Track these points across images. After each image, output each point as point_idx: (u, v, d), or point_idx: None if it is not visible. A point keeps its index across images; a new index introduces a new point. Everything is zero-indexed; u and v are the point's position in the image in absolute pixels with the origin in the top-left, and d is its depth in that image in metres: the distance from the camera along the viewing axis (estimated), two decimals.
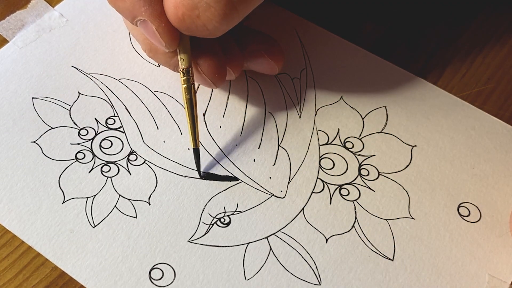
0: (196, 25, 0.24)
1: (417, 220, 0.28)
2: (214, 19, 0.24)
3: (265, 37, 0.30)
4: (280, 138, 0.30)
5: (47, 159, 0.29)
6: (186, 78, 0.27)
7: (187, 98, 0.27)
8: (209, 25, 0.24)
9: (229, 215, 0.28)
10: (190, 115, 0.27)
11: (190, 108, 0.27)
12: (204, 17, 0.24)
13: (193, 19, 0.24)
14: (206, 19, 0.24)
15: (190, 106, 0.27)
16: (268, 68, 0.30)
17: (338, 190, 0.29)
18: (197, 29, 0.24)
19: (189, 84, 0.27)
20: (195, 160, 0.29)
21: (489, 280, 0.26)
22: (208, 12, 0.23)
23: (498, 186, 0.29)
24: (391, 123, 0.31)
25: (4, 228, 0.27)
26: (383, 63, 0.33)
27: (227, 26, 0.24)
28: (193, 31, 0.25)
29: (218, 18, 0.24)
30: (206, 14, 0.23)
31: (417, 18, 0.35)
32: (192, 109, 0.27)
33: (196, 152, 0.28)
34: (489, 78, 0.33)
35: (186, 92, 0.27)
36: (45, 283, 0.26)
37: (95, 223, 0.27)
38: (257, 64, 0.30)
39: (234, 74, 0.29)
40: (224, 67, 0.28)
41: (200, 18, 0.24)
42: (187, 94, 0.27)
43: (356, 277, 0.26)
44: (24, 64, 0.32)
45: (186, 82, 0.27)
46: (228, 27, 0.25)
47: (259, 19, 0.34)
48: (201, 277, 0.26)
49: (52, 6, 0.35)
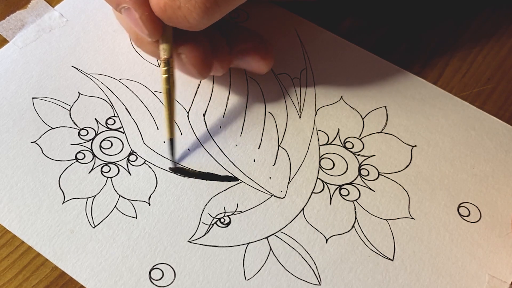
0: (177, 16, 0.24)
1: (417, 220, 0.28)
2: (195, 11, 0.24)
3: (255, 36, 0.30)
4: (280, 138, 0.30)
5: (47, 159, 0.29)
6: (166, 69, 0.27)
7: (166, 88, 0.27)
8: (190, 17, 0.24)
9: (229, 215, 0.28)
10: (168, 105, 0.27)
11: (168, 99, 0.27)
12: (185, 8, 0.24)
13: (174, 9, 0.24)
14: (187, 10, 0.24)
15: (168, 96, 0.27)
16: (256, 67, 0.30)
17: (338, 190, 0.29)
18: (178, 20, 0.24)
19: (168, 75, 0.27)
20: (170, 151, 0.29)
21: (489, 280, 0.26)
22: (188, 4, 0.23)
23: (498, 186, 0.29)
24: (391, 123, 0.31)
25: (4, 228, 0.27)
26: (383, 63, 0.33)
27: (207, 20, 0.24)
28: (175, 22, 0.25)
29: (199, 11, 0.24)
30: (187, 6, 0.24)
31: (417, 18, 0.35)
32: (170, 99, 0.27)
33: (171, 142, 0.29)
34: (489, 78, 0.33)
35: (165, 83, 0.27)
36: (45, 283, 0.26)
37: (95, 223, 0.27)
38: (245, 63, 0.30)
39: (221, 70, 0.29)
40: (209, 58, 0.28)
41: (181, 9, 0.24)
42: (166, 84, 0.27)
43: (356, 277, 0.26)
44: (24, 64, 0.32)
45: (165, 72, 0.27)
46: (210, 21, 0.25)
47: (259, 19, 0.34)
48: (201, 277, 0.26)
49: (52, 6, 0.35)
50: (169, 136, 0.28)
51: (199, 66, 0.27)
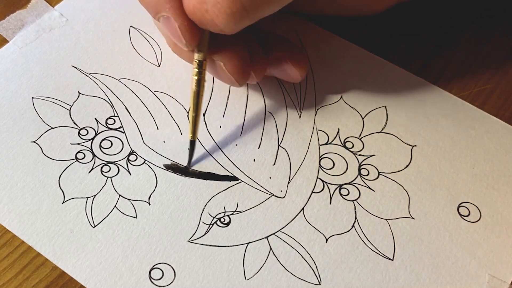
0: (206, 19, 0.24)
1: (417, 220, 0.28)
2: (221, 15, 0.24)
3: (290, 44, 0.30)
4: (280, 138, 0.30)
5: (47, 159, 0.29)
6: (198, 71, 0.27)
7: (195, 91, 0.27)
8: (217, 20, 0.24)
9: (229, 215, 0.28)
10: (194, 106, 0.28)
11: (196, 100, 0.27)
12: (212, 12, 0.24)
13: (202, 13, 0.24)
14: (213, 14, 0.24)
15: (196, 98, 0.27)
16: (291, 75, 0.30)
17: (338, 190, 0.29)
18: (207, 23, 0.24)
19: (199, 77, 0.27)
20: (189, 151, 0.29)
21: (489, 280, 0.26)
22: (215, 7, 0.24)
23: (498, 186, 0.29)
24: (391, 123, 0.31)
25: (4, 228, 0.27)
26: (383, 63, 0.33)
27: (235, 24, 0.24)
28: (205, 25, 0.25)
29: (224, 15, 0.24)
30: (213, 10, 0.24)
31: (417, 18, 0.35)
32: (198, 102, 0.27)
33: (193, 144, 0.29)
34: (489, 78, 0.33)
35: (195, 85, 0.27)
36: (45, 283, 0.26)
37: (95, 223, 0.27)
38: (280, 71, 0.30)
39: (256, 78, 0.29)
40: (248, 67, 0.28)
41: (208, 13, 0.24)
42: (197, 86, 0.27)
43: (356, 277, 0.26)
44: (24, 64, 0.32)
45: (197, 74, 0.27)
46: (238, 26, 0.25)
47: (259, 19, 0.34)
48: (201, 277, 0.26)
49: (52, 6, 0.35)
50: (191, 138, 0.28)
51: (238, 74, 0.27)
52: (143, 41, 0.34)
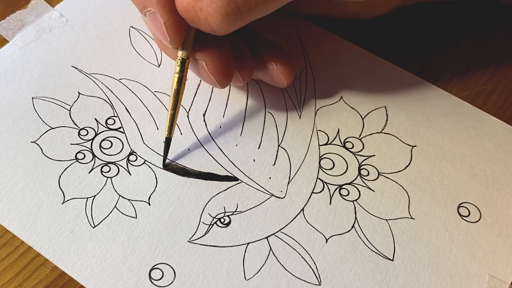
0: (199, 18, 0.24)
1: (417, 220, 0.28)
2: (215, 15, 0.24)
3: (279, 49, 0.30)
4: (280, 138, 0.30)
5: (47, 159, 0.29)
6: (180, 69, 0.27)
7: (175, 89, 0.27)
8: (210, 20, 0.24)
9: (229, 215, 0.28)
10: (173, 104, 0.28)
11: (175, 99, 0.27)
12: (206, 11, 0.24)
13: (196, 11, 0.24)
14: (208, 13, 0.24)
15: (176, 96, 0.27)
16: (277, 80, 0.30)
17: (338, 190, 0.29)
18: (200, 22, 0.24)
19: (181, 75, 0.27)
20: (164, 149, 0.29)
21: (489, 280, 0.26)
22: (210, 7, 0.24)
23: (498, 186, 0.29)
24: (391, 123, 0.31)
25: (4, 228, 0.27)
26: (383, 63, 0.33)
27: (228, 25, 0.24)
28: (197, 24, 0.25)
29: (219, 15, 0.24)
30: (208, 9, 0.24)
31: (417, 19, 0.35)
32: (177, 100, 0.28)
33: (168, 141, 0.29)
34: (489, 78, 0.33)
35: (176, 82, 0.27)
36: (45, 283, 0.26)
37: (95, 223, 0.27)
38: (267, 75, 0.30)
39: (242, 80, 0.29)
40: (231, 69, 0.28)
41: (202, 12, 0.24)
42: (177, 84, 0.27)
43: (356, 277, 0.26)
44: (24, 64, 0.32)
45: (179, 72, 0.27)
46: (231, 27, 0.25)
47: (259, 19, 0.34)
48: (201, 277, 0.26)
49: (52, 6, 0.35)
50: (167, 136, 0.28)
51: (219, 75, 0.27)
52: (143, 41, 0.34)
